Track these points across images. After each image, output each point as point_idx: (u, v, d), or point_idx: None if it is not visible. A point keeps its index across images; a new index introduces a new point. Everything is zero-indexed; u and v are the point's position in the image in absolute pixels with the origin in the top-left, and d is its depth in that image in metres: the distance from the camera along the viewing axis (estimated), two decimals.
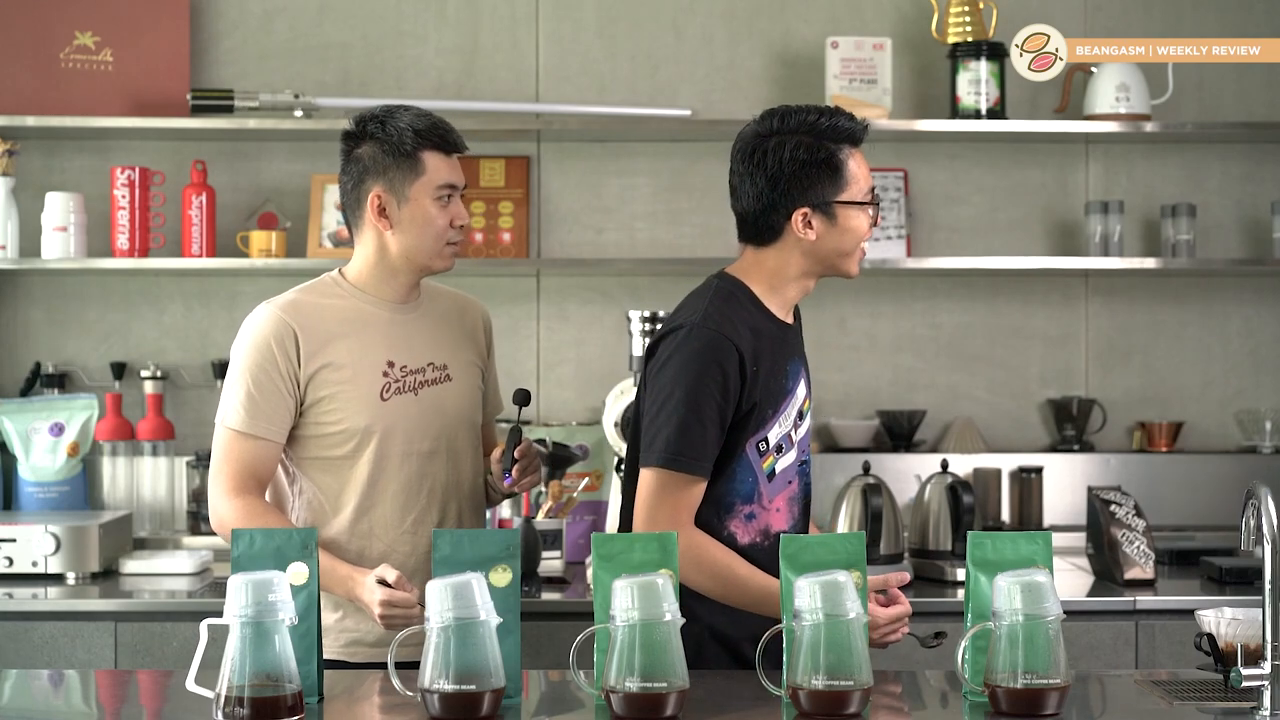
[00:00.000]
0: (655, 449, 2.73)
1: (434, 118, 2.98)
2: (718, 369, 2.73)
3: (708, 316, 2.78)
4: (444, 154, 2.97)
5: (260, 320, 2.94)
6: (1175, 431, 4.44)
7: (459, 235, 3.00)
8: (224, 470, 2.89)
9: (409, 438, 2.95)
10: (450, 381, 3.01)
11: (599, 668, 2.36)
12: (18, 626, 3.60)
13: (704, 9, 4.47)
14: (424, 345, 3.00)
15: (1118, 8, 4.48)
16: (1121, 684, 2.61)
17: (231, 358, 2.96)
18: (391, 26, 4.44)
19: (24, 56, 4.29)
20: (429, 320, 3.04)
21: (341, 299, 2.99)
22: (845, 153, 2.81)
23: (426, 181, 2.94)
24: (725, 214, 2.94)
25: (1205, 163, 4.50)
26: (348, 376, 2.92)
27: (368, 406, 2.92)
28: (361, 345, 2.94)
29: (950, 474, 3.95)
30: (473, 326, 3.13)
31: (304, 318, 2.93)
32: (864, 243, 2.85)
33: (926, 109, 4.45)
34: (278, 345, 2.90)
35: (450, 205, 2.97)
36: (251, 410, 2.89)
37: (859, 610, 2.30)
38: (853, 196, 2.81)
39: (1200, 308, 4.52)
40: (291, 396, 2.91)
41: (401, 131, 2.93)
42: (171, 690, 2.63)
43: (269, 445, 2.90)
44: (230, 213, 4.35)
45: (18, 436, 4.20)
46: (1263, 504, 2.34)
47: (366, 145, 2.97)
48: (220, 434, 2.92)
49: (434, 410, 2.98)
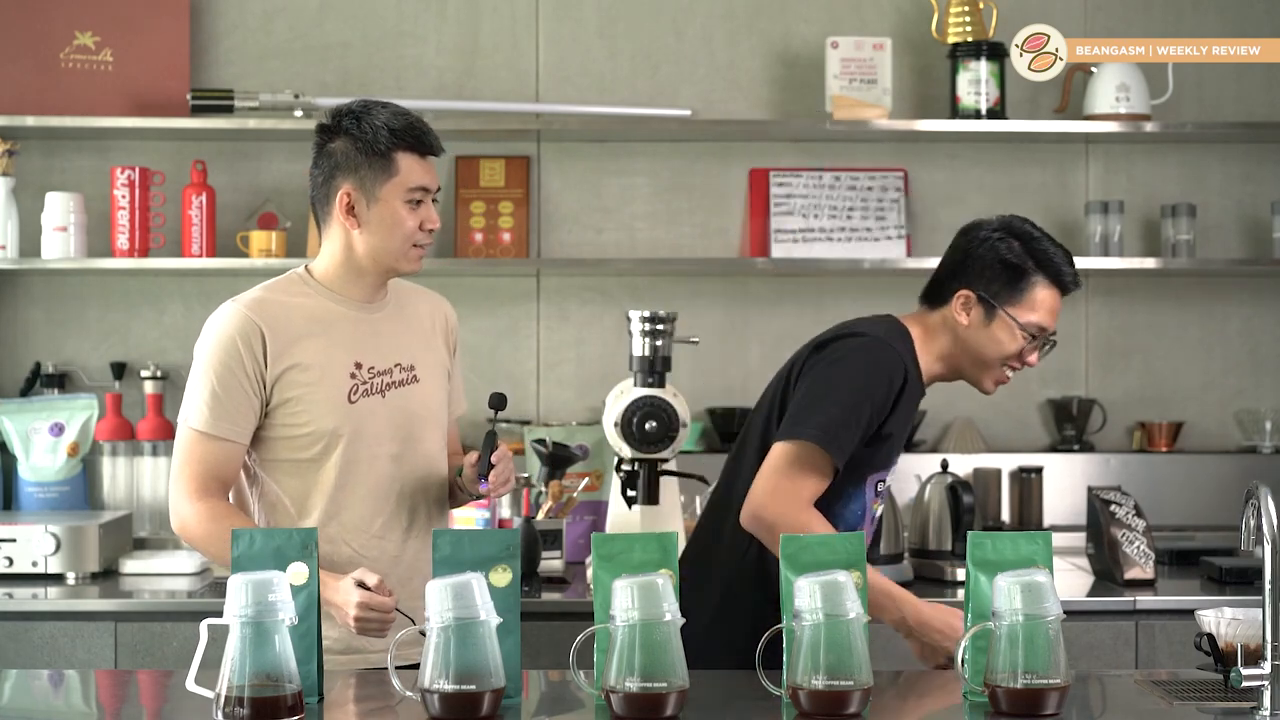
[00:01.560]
0: (810, 425, 2.83)
1: (411, 117, 2.90)
2: (885, 384, 2.87)
3: (889, 336, 2.95)
4: (419, 155, 2.88)
5: (225, 318, 2.86)
6: (1175, 431, 4.44)
7: (427, 239, 2.92)
8: (185, 472, 2.82)
9: (377, 440, 2.88)
10: (418, 383, 2.95)
11: (599, 668, 2.36)
12: (18, 626, 3.60)
13: (704, 9, 4.47)
14: (391, 346, 2.94)
15: (1118, 8, 4.48)
16: (1121, 684, 2.61)
17: (195, 355, 2.87)
18: (391, 26, 4.44)
19: (24, 56, 4.29)
20: (396, 320, 2.97)
21: (308, 297, 2.91)
22: (1039, 279, 2.93)
23: (398, 183, 2.86)
24: (725, 214, 2.95)
25: (1205, 163, 4.50)
26: (315, 378, 2.85)
27: (335, 409, 2.85)
28: (329, 346, 2.87)
29: (950, 474, 3.95)
30: (439, 325, 3.06)
31: (271, 316, 2.86)
32: (1007, 369, 2.98)
33: (926, 109, 4.45)
34: (244, 344, 2.83)
35: (421, 208, 2.88)
36: (216, 410, 2.81)
37: (859, 610, 2.30)
38: (1019, 316, 2.92)
39: (1200, 308, 4.52)
40: (257, 397, 2.83)
41: (376, 130, 2.85)
42: (171, 690, 2.63)
43: (233, 446, 2.83)
44: (230, 213, 4.35)
45: (18, 436, 4.20)
46: (1263, 504, 2.34)
47: (340, 140, 2.88)
48: (183, 434, 2.84)
49: (402, 412, 2.91)
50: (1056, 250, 2.96)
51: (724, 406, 4.40)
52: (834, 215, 4.42)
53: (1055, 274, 2.94)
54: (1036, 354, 2.99)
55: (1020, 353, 2.96)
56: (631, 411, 3.62)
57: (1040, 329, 2.95)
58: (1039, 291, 2.93)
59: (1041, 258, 2.94)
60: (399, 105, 2.93)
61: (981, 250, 2.95)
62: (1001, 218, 3.02)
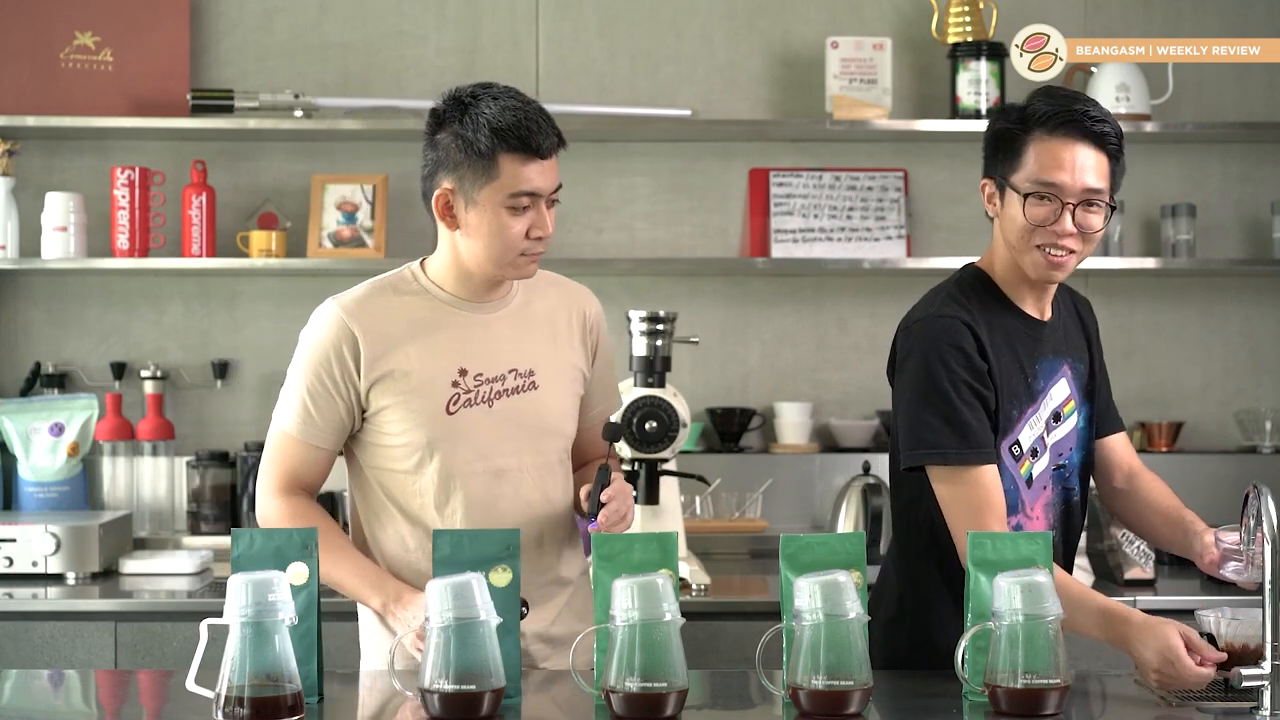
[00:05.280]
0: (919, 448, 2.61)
1: (522, 112, 2.62)
2: (958, 353, 2.61)
3: (929, 304, 2.70)
4: (526, 157, 2.62)
5: (322, 322, 2.70)
6: (1175, 431, 4.44)
7: (537, 247, 2.67)
8: (271, 469, 2.73)
9: (478, 455, 2.69)
10: (535, 390, 2.74)
11: (599, 668, 2.36)
12: (18, 626, 3.60)
13: (704, 9, 4.47)
14: (506, 349, 2.73)
15: (1118, 8, 4.48)
16: (1121, 684, 2.61)
17: (295, 354, 2.74)
18: (391, 26, 4.44)
19: (24, 56, 4.29)
20: (517, 320, 2.76)
21: (416, 296, 2.73)
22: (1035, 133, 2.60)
23: (499, 187, 2.62)
24: (725, 214, 2.94)
25: (1205, 163, 4.50)
26: (412, 386, 2.67)
27: (430, 420, 2.67)
28: (431, 351, 2.69)
29: None
30: (574, 321, 2.82)
31: (369, 320, 2.68)
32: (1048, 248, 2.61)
33: (926, 109, 4.45)
34: (335, 353, 2.67)
35: (528, 213, 2.64)
36: (304, 418, 2.69)
37: (859, 610, 2.30)
38: (1020, 182, 2.62)
39: (1200, 308, 4.52)
40: (348, 406, 2.69)
41: (479, 126, 2.61)
42: (171, 690, 2.63)
43: (320, 453, 2.72)
44: (230, 213, 4.35)
45: (18, 436, 4.20)
46: (1263, 504, 2.34)
47: (445, 132, 2.66)
48: (273, 431, 2.74)
49: (511, 424, 2.71)
50: (1068, 98, 2.62)
51: (724, 406, 4.40)
52: (834, 215, 4.42)
53: (1054, 123, 2.58)
54: (1069, 218, 2.58)
55: (1044, 222, 2.59)
56: (631, 411, 3.62)
57: (1045, 185, 2.58)
58: (1035, 146, 2.59)
59: (1039, 110, 2.60)
60: (516, 94, 2.68)
61: (991, 129, 2.70)
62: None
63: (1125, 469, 2.91)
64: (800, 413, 4.36)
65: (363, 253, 4.29)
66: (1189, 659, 2.39)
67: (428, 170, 2.70)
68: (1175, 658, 2.39)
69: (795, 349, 4.47)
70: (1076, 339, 2.83)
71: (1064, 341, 2.78)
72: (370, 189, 4.33)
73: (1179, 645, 2.40)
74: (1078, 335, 2.84)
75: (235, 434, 4.35)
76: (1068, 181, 2.59)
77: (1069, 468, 2.78)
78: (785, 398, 4.38)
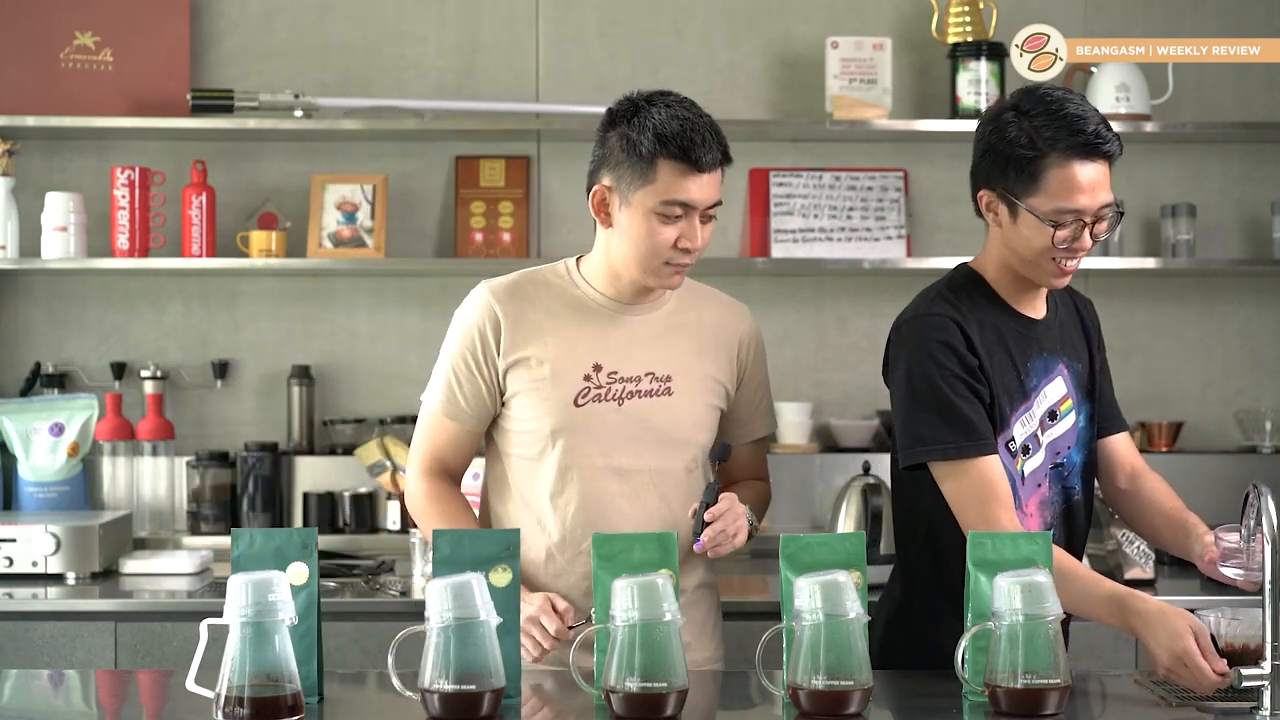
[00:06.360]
0: (918, 446, 2.63)
1: (690, 122, 2.66)
2: (947, 350, 2.64)
3: (919, 304, 2.74)
4: (685, 167, 2.65)
5: (471, 304, 2.80)
6: (1175, 431, 4.44)
7: (685, 259, 2.70)
8: (419, 448, 2.82)
9: (601, 450, 2.72)
10: (669, 396, 2.75)
11: (599, 668, 2.36)
12: (18, 626, 3.60)
13: (704, 9, 4.47)
14: (647, 352, 2.76)
15: (1118, 8, 4.48)
16: (1121, 684, 2.61)
17: (447, 333, 2.82)
18: (391, 26, 4.44)
19: (24, 56, 4.30)
20: (664, 325, 2.80)
21: (567, 288, 2.79)
22: (1052, 158, 2.60)
23: (652, 192, 2.66)
24: (725, 213, 2.93)
25: (1205, 163, 4.50)
26: (545, 374, 2.73)
27: (558, 409, 2.72)
28: (567, 343, 2.74)
29: None
30: (727, 339, 2.85)
31: (516, 304, 2.75)
32: (1063, 260, 2.63)
33: (926, 109, 4.45)
34: (479, 333, 2.76)
35: (679, 223, 2.67)
36: (449, 396, 2.78)
37: (859, 610, 2.30)
38: (1040, 206, 2.61)
39: (1200, 308, 4.52)
40: (489, 386, 2.76)
41: (644, 130, 2.66)
42: (171, 690, 2.63)
43: (464, 432, 2.79)
44: (230, 213, 4.35)
45: (18, 436, 4.20)
46: (1263, 504, 2.34)
47: (614, 132, 2.71)
48: (422, 411, 2.83)
49: (640, 425, 2.73)
50: (1072, 117, 2.61)
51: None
52: (834, 215, 4.42)
53: (1067, 147, 2.59)
54: (1088, 234, 2.62)
55: (1063, 241, 2.62)
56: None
57: (1069, 213, 2.60)
58: (1054, 173, 2.59)
59: (1049, 132, 2.59)
60: (690, 106, 2.73)
61: (991, 140, 2.66)
62: (1016, 93, 2.70)
63: (1128, 469, 2.91)
64: (800, 413, 4.36)
65: (363, 253, 4.29)
66: (1204, 664, 2.38)
67: (593, 166, 2.76)
68: (1190, 662, 2.39)
69: (795, 349, 4.47)
70: (1075, 338, 2.83)
71: (1059, 340, 2.79)
72: (370, 189, 4.33)
73: (1193, 649, 2.39)
74: (1076, 335, 2.84)
75: (235, 434, 4.36)
76: (1088, 204, 2.62)
77: (1068, 466, 2.78)
78: (785, 397, 4.38)
